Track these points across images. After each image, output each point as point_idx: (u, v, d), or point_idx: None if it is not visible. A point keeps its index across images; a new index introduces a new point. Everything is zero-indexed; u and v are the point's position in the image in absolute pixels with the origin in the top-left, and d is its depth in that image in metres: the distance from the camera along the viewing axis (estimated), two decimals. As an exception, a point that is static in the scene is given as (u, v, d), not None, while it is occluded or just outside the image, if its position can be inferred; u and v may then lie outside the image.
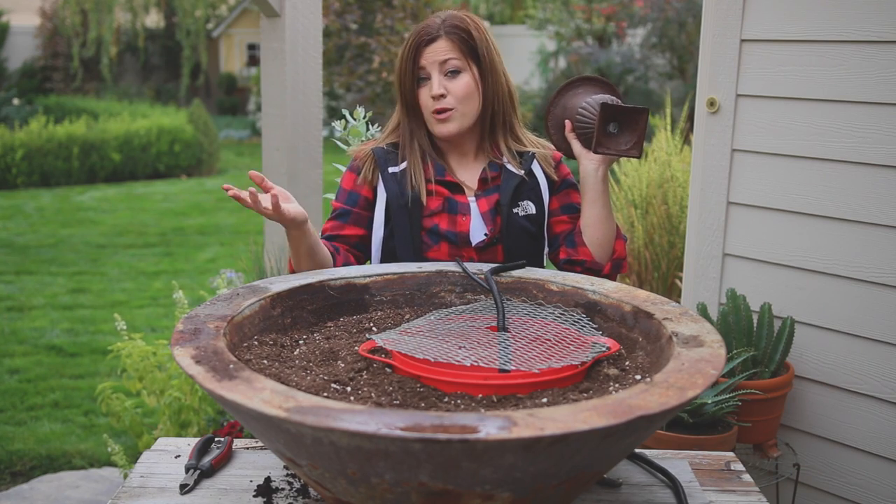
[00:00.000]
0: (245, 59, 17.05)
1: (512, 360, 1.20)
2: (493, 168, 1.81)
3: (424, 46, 1.74)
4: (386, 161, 1.80)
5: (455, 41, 1.74)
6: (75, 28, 15.20)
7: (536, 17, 11.63)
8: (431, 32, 1.75)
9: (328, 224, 1.82)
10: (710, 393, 2.16)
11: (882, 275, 2.18)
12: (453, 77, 1.74)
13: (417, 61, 1.75)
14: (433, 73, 1.74)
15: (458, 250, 1.75)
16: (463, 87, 1.74)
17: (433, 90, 1.73)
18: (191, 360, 1.08)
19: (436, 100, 1.74)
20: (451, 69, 1.74)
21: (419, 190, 1.75)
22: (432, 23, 1.76)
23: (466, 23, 1.77)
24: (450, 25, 1.75)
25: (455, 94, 1.74)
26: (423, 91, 1.76)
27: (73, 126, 10.06)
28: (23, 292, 5.67)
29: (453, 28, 1.75)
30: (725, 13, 2.37)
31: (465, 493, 0.95)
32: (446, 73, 1.74)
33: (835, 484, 2.33)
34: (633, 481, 1.34)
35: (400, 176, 1.78)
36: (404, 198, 1.76)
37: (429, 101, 1.75)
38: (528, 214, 1.80)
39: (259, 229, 7.11)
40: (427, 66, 1.74)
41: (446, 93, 1.73)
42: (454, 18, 1.77)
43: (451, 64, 1.74)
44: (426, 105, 1.76)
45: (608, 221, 1.79)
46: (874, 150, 2.16)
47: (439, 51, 1.73)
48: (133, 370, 2.66)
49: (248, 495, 1.29)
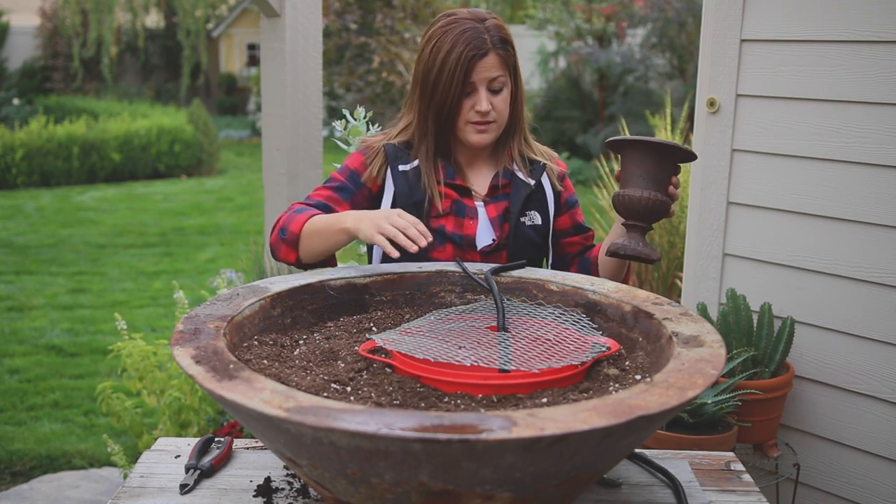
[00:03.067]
0: (245, 59, 17.05)
1: (512, 360, 1.20)
2: (505, 175, 1.81)
3: (478, 61, 1.69)
4: (396, 158, 1.78)
5: (502, 56, 1.71)
6: (75, 28, 15.20)
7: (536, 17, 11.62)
8: (483, 47, 1.69)
9: (325, 192, 1.77)
10: (710, 393, 2.16)
11: (882, 275, 2.18)
12: (496, 94, 1.73)
13: (469, 75, 1.70)
14: (481, 89, 1.71)
15: (462, 253, 1.75)
16: (504, 102, 1.75)
17: (481, 106, 1.71)
18: (191, 360, 1.08)
19: (481, 114, 1.72)
20: (497, 87, 1.73)
21: (432, 193, 1.75)
22: (481, 32, 1.70)
23: (508, 34, 1.75)
24: (497, 39, 1.71)
25: (497, 109, 1.74)
26: (466, 103, 1.73)
27: (73, 126, 10.06)
28: (23, 292, 5.67)
29: (501, 42, 1.71)
30: (725, 13, 2.37)
31: (465, 493, 0.95)
32: (492, 89, 1.73)
33: (835, 484, 2.33)
34: (633, 481, 1.34)
35: (411, 174, 1.77)
36: (413, 197, 1.75)
37: (470, 112, 1.73)
38: (535, 225, 1.81)
39: (259, 229, 7.11)
40: (476, 82, 1.71)
41: (491, 108, 1.73)
42: (499, 30, 1.72)
43: (499, 81, 1.72)
44: (464, 115, 1.74)
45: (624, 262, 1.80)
46: (874, 150, 2.16)
47: (490, 67, 1.70)
48: (133, 370, 2.66)
49: (248, 495, 1.29)
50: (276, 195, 3.44)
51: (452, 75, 1.69)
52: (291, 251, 1.66)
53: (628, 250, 1.59)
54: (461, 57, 1.68)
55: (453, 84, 1.70)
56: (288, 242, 1.65)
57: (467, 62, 1.68)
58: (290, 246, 1.65)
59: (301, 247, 1.65)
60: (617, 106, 9.97)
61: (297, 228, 1.64)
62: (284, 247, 1.66)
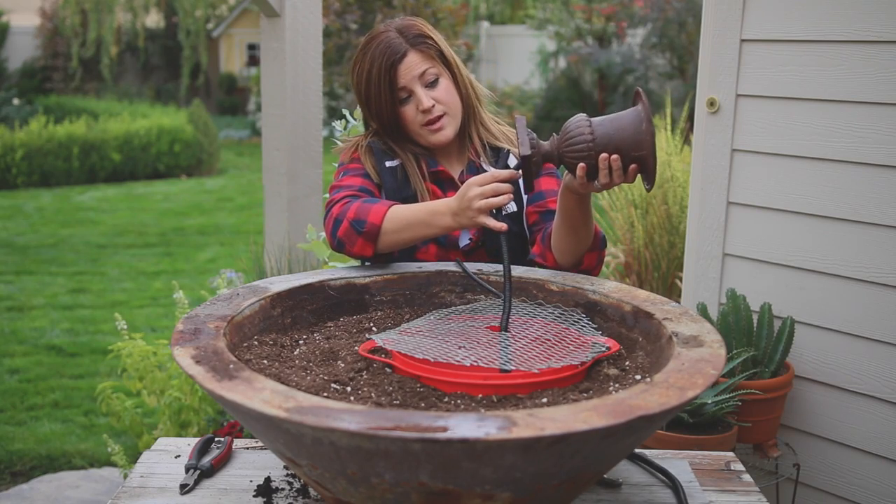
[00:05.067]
0: (245, 59, 17.05)
1: (512, 360, 1.20)
2: (471, 170, 1.78)
3: (398, 65, 1.69)
4: (383, 154, 1.78)
5: (423, 50, 1.71)
6: (75, 28, 15.20)
7: (536, 17, 11.63)
8: (399, 49, 1.69)
9: (355, 180, 1.73)
10: (710, 393, 2.16)
11: (882, 275, 2.18)
12: (434, 86, 1.72)
13: (395, 83, 1.70)
14: (416, 88, 1.70)
15: (445, 253, 1.74)
16: (446, 92, 1.73)
17: (423, 104, 1.70)
18: (191, 360, 1.08)
19: (426, 112, 1.71)
20: (430, 79, 1.71)
21: (418, 190, 1.74)
22: (392, 39, 1.70)
23: (423, 28, 1.74)
24: (412, 36, 1.71)
25: (442, 100, 1.72)
26: (408, 109, 1.72)
27: (73, 126, 10.05)
28: (23, 292, 5.67)
29: (417, 38, 1.71)
30: (725, 13, 2.37)
31: (465, 493, 0.95)
32: (427, 85, 1.71)
33: (835, 484, 2.33)
34: (633, 481, 1.34)
35: (398, 171, 1.76)
36: (402, 193, 1.73)
37: (416, 115, 1.72)
38: (510, 213, 1.76)
39: (259, 229, 7.11)
40: (407, 85, 1.70)
41: (434, 103, 1.71)
42: (411, 28, 1.72)
43: (430, 74, 1.71)
44: (413, 120, 1.73)
45: (575, 236, 1.61)
46: (874, 150, 2.16)
47: (413, 65, 1.69)
48: (133, 370, 2.66)
49: (248, 495, 1.29)
50: (276, 195, 3.44)
51: (379, 89, 1.70)
52: (369, 245, 1.58)
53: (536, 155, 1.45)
54: (381, 68, 1.69)
55: (382, 97, 1.71)
56: (367, 236, 1.57)
57: (388, 71, 1.69)
58: (370, 241, 1.58)
59: (383, 241, 1.58)
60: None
61: (377, 220, 1.57)
62: (361, 240, 1.58)
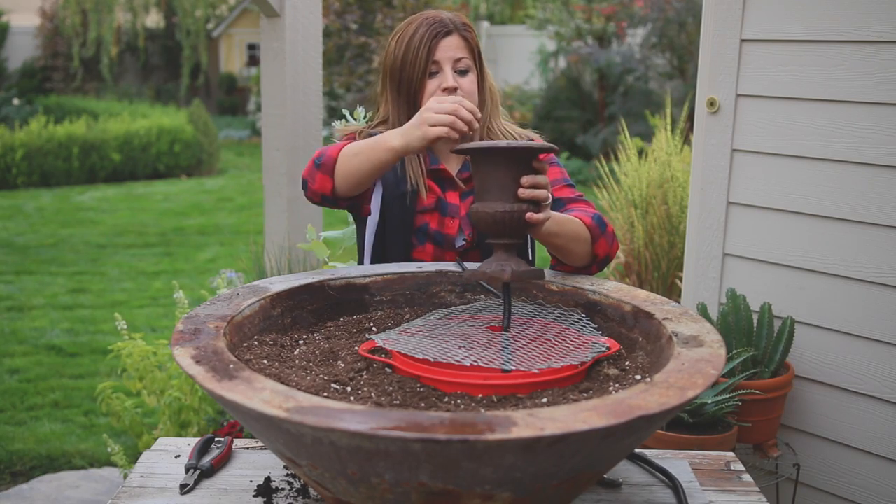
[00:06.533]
0: (245, 59, 17.05)
1: (512, 360, 1.20)
2: (467, 168, 1.77)
3: (441, 38, 1.70)
4: None
5: (466, 38, 1.73)
6: (75, 28, 15.19)
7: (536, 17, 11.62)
8: (447, 26, 1.71)
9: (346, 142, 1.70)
10: (710, 393, 2.16)
11: (882, 275, 2.18)
12: (462, 76, 1.72)
13: (432, 54, 1.70)
14: (446, 68, 1.70)
15: (441, 252, 1.73)
16: (471, 84, 1.73)
17: (447, 83, 1.69)
18: (191, 360, 1.08)
19: (448, 93, 1.70)
20: (462, 68, 1.72)
21: (417, 184, 1.73)
22: (444, 17, 1.72)
23: (469, 23, 1.77)
24: (461, 24, 1.73)
25: (465, 89, 1.71)
26: (432, 82, 1.71)
27: (73, 126, 10.05)
28: (23, 292, 5.67)
29: (464, 27, 1.73)
30: (725, 13, 2.37)
31: (465, 493, 0.95)
32: (457, 71, 1.72)
33: (835, 484, 2.33)
34: (633, 481, 1.34)
35: (397, 164, 1.74)
36: (400, 187, 1.73)
37: (437, 92, 1.71)
38: None
39: (259, 229, 7.11)
40: (441, 61, 1.70)
41: (458, 87, 1.70)
42: (461, 17, 1.75)
43: (464, 63, 1.72)
44: (431, 95, 1.71)
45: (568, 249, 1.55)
46: (874, 150, 2.16)
47: (454, 47, 1.71)
48: (133, 370, 2.66)
49: (248, 495, 1.29)
50: (276, 195, 3.44)
51: (416, 55, 1.70)
52: (327, 179, 1.59)
53: (477, 275, 1.32)
54: (424, 36, 1.70)
55: (417, 63, 1.70)
56: (324, 169, 1.59)
57: (430, 40, 1.69)
58: (326, 173, 1.59)
59: (339, 172, 1.58)
60: (617, 106, 9.96)
61: (334, 153, 1.59)
62: (320, 175, 1.60)
